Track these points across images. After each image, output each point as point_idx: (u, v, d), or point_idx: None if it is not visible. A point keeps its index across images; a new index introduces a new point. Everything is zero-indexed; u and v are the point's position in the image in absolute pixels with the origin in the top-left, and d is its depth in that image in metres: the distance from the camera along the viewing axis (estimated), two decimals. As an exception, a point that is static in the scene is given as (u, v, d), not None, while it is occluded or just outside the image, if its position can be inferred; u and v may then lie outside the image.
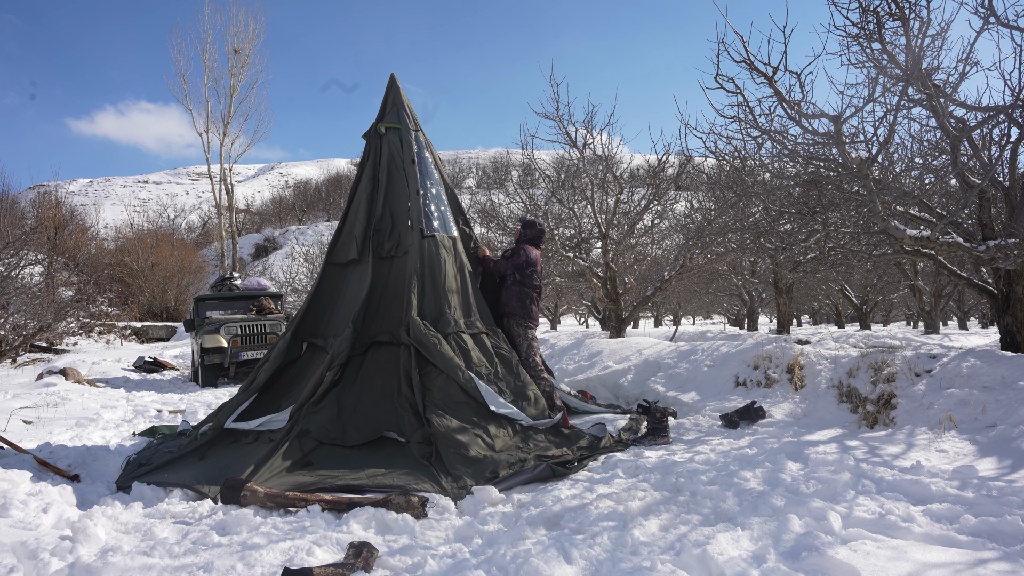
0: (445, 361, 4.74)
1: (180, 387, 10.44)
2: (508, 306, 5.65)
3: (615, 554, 2.71)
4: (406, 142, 5.68)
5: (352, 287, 5.41)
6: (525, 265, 5.66)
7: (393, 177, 5.58)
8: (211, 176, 31.35)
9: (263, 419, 4.76)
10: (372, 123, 5.82)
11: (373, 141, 5.75)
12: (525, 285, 5.65)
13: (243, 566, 2.72)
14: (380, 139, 5.70)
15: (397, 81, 5.93)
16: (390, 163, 5.60)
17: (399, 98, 5.84)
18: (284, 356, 5.18)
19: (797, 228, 7.84)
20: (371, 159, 5.68)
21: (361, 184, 5.64)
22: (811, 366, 5.74)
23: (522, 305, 5.63)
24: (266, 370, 5.12)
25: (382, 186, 5.53)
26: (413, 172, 5.57)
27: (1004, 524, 2.71)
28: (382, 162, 5.61)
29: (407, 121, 5.77)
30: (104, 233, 39.65)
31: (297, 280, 27.94)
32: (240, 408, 4.88)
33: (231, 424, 4.76)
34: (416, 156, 5.66)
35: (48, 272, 16.81)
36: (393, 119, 5.75)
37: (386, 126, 5.71)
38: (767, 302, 18.24)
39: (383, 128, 5.70)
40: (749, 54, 5.73)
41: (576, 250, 11.43)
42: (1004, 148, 5.53)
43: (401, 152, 5.64)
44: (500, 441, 4.45)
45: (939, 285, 15.26)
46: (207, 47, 29.86)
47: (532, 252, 5.68)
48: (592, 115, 14.03)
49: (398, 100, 5.84)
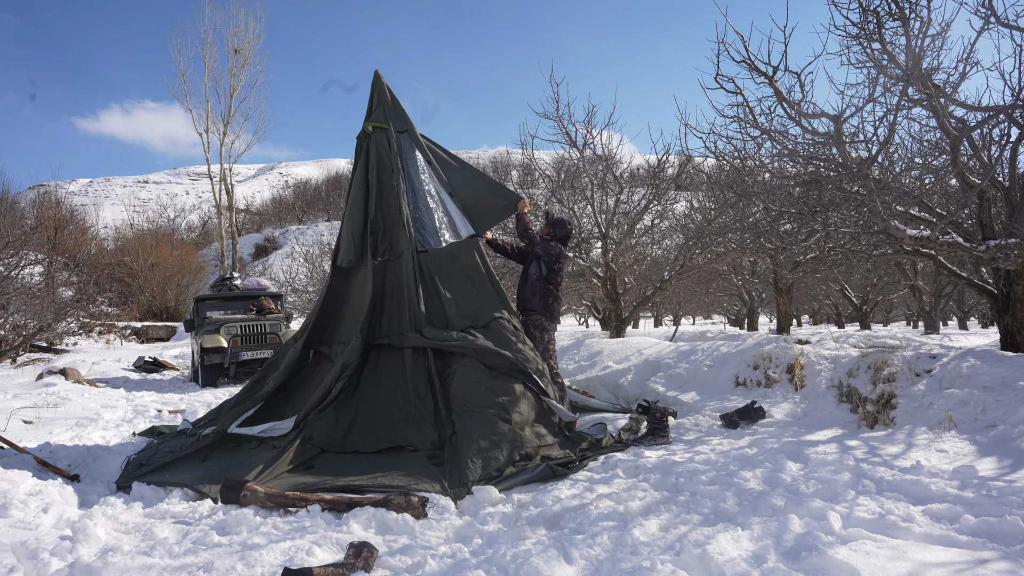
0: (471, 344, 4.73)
1: (180, 387, 10.44)
2: (531, 302, 5.51)
3: (615, 554, 2.71)
4: (394, 142, 5.58)
5: (355, 292, 5.38)
6: (555, 260, 5.47)
7: (383, 179, 5.49)
8: (211, 176, 31.35)
9: (266, 426, 4.74)
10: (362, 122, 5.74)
11: (362, 141, 5.65)
12: (550, 283, 5.50)
13: (243, 566, 2.72)
14: (369, 139, 5.60)
15: (382, 78, 5.80)
16: (379, 164, 5.51)
17: (384, 96, 5.72)
18: (294, 365, 5.16)
19: (797, 228, 7.84)
20: (361, 160, 5.60)
21: (354, 187, 5.57)
22: (811, 366, 5.74)
23: (545, 303, 5.49)
24: (275, 379, 5.09)
25: (373, 188, 5.45)
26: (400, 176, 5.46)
27: (1004, 524, 2.71)
28: (371, 163, 5.53)
29: (395, 120, 5.66)
30: (104, 233, 39.62)
31: (297, 280, 27.96)
32: (245, 415, 4.86)
33: (235, 429, 4.75)
34: (405, 159, 5.55)
35: (48, 272, 16.81)
36: (380, 118, 5.64)
37: (373, 125, 5.61)
38: (767, 302, 18.24)
39: (370, 128, 5.61)
40: (749, 54, 5.73)
41: (576, 250, 11.42)
42: (1004, 148, 5.54)
43: (389, 152, 5.54)
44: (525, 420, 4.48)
45: (939, 285, 15.26)
46: (207, 47, 29.89)
47: (563, 249, 5.56)
48: (592, 115, 14.05)
49: (383, 98, 5.72)
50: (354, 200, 5.51)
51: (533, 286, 5.53)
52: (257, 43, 30.90)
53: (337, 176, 74.47)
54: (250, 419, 4.86)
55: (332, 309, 5.44)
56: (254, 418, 4.88)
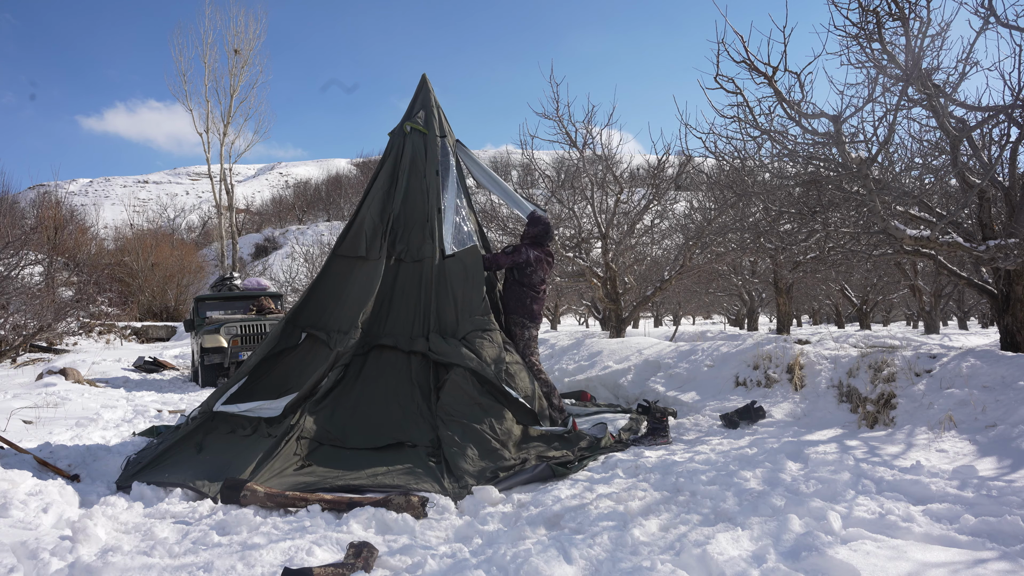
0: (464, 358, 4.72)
1: (180, 387, 10.44)
2: (507, 306, 5.65)
3: (615, 554, 2.71)
4: (431, 149, 5.58)
5: (359, 284, 5.27)
6: (525, 265, 5.62)
7: (412, 182, 5.47)
8: (211, 176, 31.33)
9: (254, 404, 4.64)
10: (399, 120, 5.73)
11: (397, 139, 5.63)
12: (524, 284, 5.61)
13: (243, 566, 2.72)
14: (404, 139, 5.59)
15: (429, 83, 5.81)
16: (411, 166, 5.50)
17: (428, 101, 5.73)
18: (278, 341, 5.06)
19: (797, 228, 7.84)
20: (392, 157, 5.56)
21: (379, 180, 5.52)
22: (811, 366, 5.74)
23: (521, 304, 5.60)
24: (258, 353, 5.01)
25: (400, 187, 5.43)
26: (436, 184, 5.47)
27: (1004, 524, 2.71)
28: (403, 162, 5.51)
29: (434, 126, 5.67)
30: (104, 233, 39.62)
31: (297, 280, 27.99)
32: (230, 391, 4.77)
33: (220, 407, 4.64)
34: (441, 167, 5.57)
35: (48, 272, 16.82)
36: (421, 122, 5.65)
37: (412, 127, 5.61)
38: (767, 302, 18.24)
39: (408, 127, 5.60)
40: (749, 54, 5.73)
41: (576, 250, 11.43)
42: (1004, 148, 5.53)
43: (425, 159, 5.54)
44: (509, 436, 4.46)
45: (939, 285, 15.25)
46: (208, 47, 29.84)
47: (531, 253, 5.64)
48: (592, 115, 14.02)
49: (427, 103, 5.72)
50: (376, 192, 5.45)
51: (509, 290, 5.68)
52: (257, 43, 30.90)
53: (337, 176, 74.42)
54: (236, 395, 4.75)
55: (329, 294, 5.34)
56: (241, 395, 4.77)
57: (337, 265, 5.42)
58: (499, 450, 4.28)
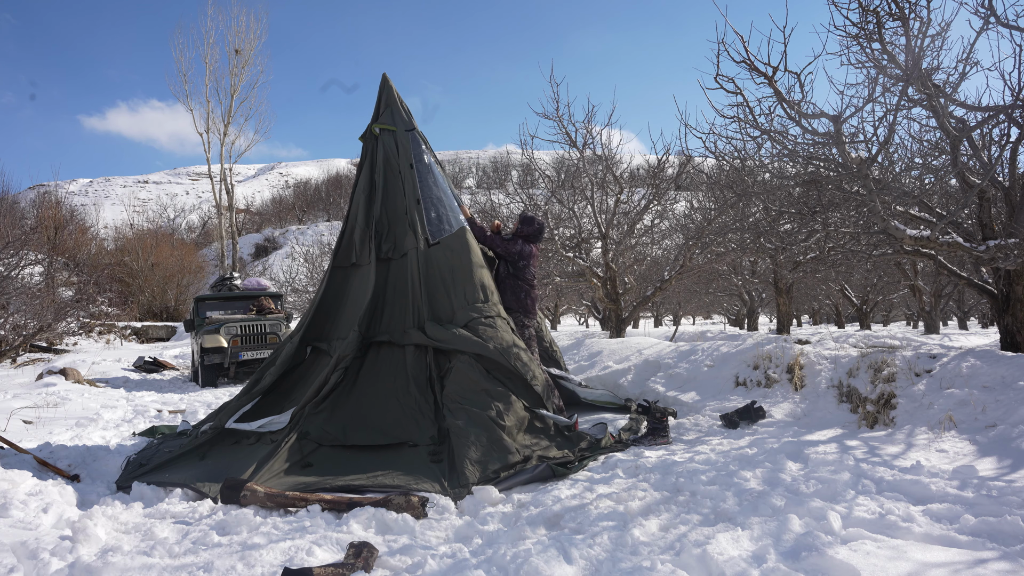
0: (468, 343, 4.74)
1: (180, 387, 10.44)
2: (504, 300, 5.62)
3: (615, 554, 2.71)
4: (402, 144, 5.65)
5: (355, 290, 5.42)
6: (518, 257, 5.61)
7: (389, 180, 5.57)
8: (211, 176, 31.32)
9: (264, 420, 4.75)
10: (367, 125, 5.81)
11: (369, 143, 5.74)
12: (519, 278, 5.64)
13: (243, 566, 2.72)
14: (376, 141, 5.68)
15: (390, 81, 5.89)
16: (386, 166, 5.59)
17: (392, 98, 5.82)
18: (291, 360, 5.18)
19: (797, 228, 7.84)
20: (367, 162, 5.69)
21: (358, 187, 5.65)
22: (811, 366, 5.74)
23: (516, 298, 5.63)
24: (272, 374, 5.11)
25: (379, 189, 5.53)
26: (411, 177, 5.53)
27: (1004, 524, 2.71)
28: (378, 164, 5.60)
29: (402, 122, 5.74)
30: (104, 233, 39.61)
31: (297, 280, 27.96)
32: (243, 410, 4.88)
33: (232, 425, 4.76)
34: (414, 159, 5.61)
35: (48, 272, 16.82)
36: (387, 120, 5.72)
37: (380, 127, 5.69)
38: (767, 302, 18.24)
39: (377, 129, 5.68)
40: (749, 54, 5.73)
41: (576, 250, 11.43)
42: (1004, 148, 5.53)
43: (397, 155, 5.62)
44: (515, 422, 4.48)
45: (939, 285, 15.25)
46: (208, 47, 29.86)
47: (527, 246, 5.69)
48: (592, 115, 14.01)
49: (391, 100, 5.81)
50: (359, 198, 5.59)
51: (503, 284, 5.67)
52: (258, 43, 30.92)
53: (337, 176, 74.51)
54: (247, 414, 4.87)
55: (331, 306, 5.49)
56: (251, 413, 4.88)
57: (334, 277, 5.56)
58: (504, 440, 4.27)
